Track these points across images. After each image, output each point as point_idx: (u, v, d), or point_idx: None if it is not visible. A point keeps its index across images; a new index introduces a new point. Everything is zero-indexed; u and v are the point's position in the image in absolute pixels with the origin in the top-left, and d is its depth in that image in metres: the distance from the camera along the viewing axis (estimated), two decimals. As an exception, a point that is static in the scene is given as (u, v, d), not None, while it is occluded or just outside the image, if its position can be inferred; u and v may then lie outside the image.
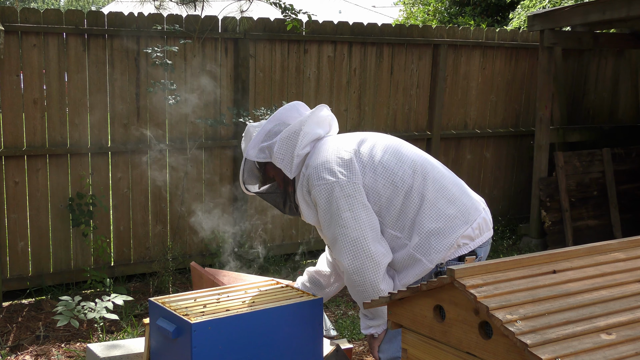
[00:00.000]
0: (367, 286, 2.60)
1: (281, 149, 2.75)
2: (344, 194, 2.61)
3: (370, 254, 2.59)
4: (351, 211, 2.60)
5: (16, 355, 4.32)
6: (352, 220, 2.59)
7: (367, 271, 2.59)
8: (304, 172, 2.74)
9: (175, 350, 2.49)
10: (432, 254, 2.59)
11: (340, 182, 2.62)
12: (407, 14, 13.43)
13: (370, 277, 2.59)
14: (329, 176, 2.64)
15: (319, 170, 2.67)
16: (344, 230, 2.60)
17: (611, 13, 6.04)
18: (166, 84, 5.21)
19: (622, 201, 7.03)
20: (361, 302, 2.64)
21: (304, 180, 2.72)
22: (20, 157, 5.13)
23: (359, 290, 2.63)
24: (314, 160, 2.71)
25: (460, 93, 7.01)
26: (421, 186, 2.66)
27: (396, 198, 2.64)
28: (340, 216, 2.60)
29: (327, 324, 3.51)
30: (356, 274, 2.60)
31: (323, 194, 2.64)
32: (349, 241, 2.60)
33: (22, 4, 29.44)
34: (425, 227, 2.61)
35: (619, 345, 1.52)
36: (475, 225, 2.66)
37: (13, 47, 5.00)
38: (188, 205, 5.71)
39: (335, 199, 2.61)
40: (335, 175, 2.64)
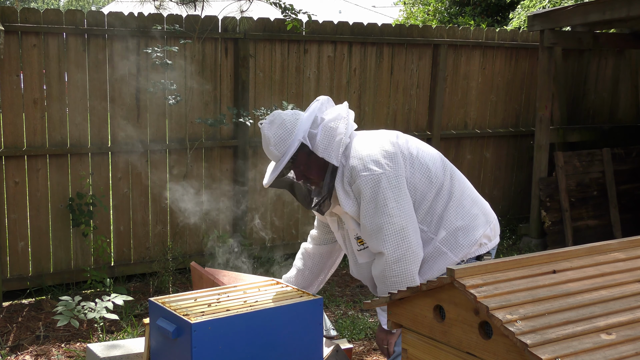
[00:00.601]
0: (406, 276, 2.65)
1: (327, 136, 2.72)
2: (390, 185, 2.66)
3: (411, 244, 2.65)
4: (397, 202, 2.65)
5: (16, 355, 4.32)
6: (398, 211, 2.64)
7: (407, 261, 2.65)
8: (343, 163, 2.75)
9: (175, 350, 2.49)
10: (458, 249, 2.72)
11: (387, 174, 2.67)
12: (407, 14, 13.43)
13: (410, 267, 2.65)
14: (375, 167, 2.68)
15: (365, 162, 2.69)
16: (390, 219, 2.64)
17: (611, 13, 6.04)
18: (166, 84, 5.21)
19: (622, 201, 7.03)
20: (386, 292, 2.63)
21: (346, 172, 2.73)
22: (20, 157, 5.13)
23: (394, 281, 2.65)
24: (358, 152, 2.74)
25: (460, 93, 7.01)
26: (450, 184, 2.80)
27: (429, 193, 2.75)
28: (386, 206, 2.64)
29: (327, 324, 3.51)
30: (397, 263, 2.64)
31: (369, 185, 2.66)
32: (394, 231, 2.64)
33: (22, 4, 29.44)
34: (453, 223, 2.73)
35: (619, 345, 1.52)
36: (492, 226, 2.84)
37: (13, 47, 5.00)
38: (188, 205, 5.71)
39: (382, 190, 2.65)
40: (382, 166, 2.68)
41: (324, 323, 3.34)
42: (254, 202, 6.01)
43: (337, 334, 3.50)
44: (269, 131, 2.77)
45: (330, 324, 3.51)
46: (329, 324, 3.52)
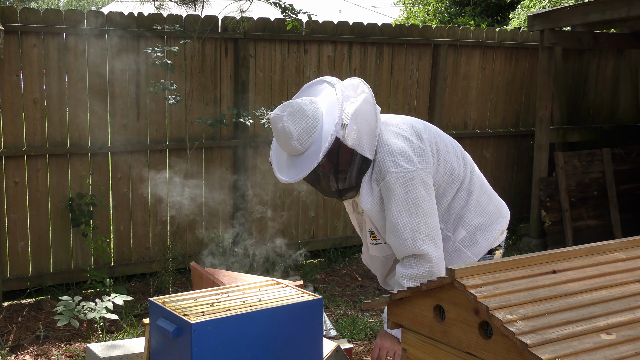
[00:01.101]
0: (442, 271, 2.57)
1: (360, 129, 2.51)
2: (423, 182, 2.53)
3: (439, 242, 2.57)
4: (430, 201, 2.54)
5: (16, 355, 4.32)
6: (432, 210, 2.54)
7: (443, 261, 2.57)
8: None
9: (175, 350, 2.49)
10: (477, 248, 2.68)
11: (419, 171, 2.53)
12: (407, 14, 13.43)
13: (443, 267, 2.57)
14: (407, 164, 2.53)
15: (396, 158, 2.54)
16: (426, 219, 2.52)
17: (611, 13, 6.04)
18: (166, 84, 5.21)
19: (622, 201, 7.03)
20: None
21: (375, 167, 2.56)
22: (20, 157, 5.13)
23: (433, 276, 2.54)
24: (387, 146, 2.57)
25: (460, 93, 7.01)
26: (469, 182, 2.71)
27: (449, 191, 2.66)
28: (420, 205, 2.51)
29: (327, 324, 3.51)
30: (436, 262, 2.54)
31: (401, 182, 2.51)
32: (431, 230, 2.53)
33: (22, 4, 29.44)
34: (472, 221, 2.67)
35: (619, 345, 1.52)
36: (506, 220, 2.80)
37: (13, 47, 5.00)
38: (188, 205, 5.71)
39: (415, 188, 2.51)
40: (413, 163, 2.54)
41: (324, 323, 3.34)
42: (254, 202, 6.01)
43: (337, 334, 3.50)
44: (291, 124, 2.49)
45: (330, 324, 3.51)
46: (329, 324, 3.51)
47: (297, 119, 2.50)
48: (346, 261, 6.32)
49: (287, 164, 2.58)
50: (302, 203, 6.30)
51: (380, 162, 2.55)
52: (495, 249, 2.76)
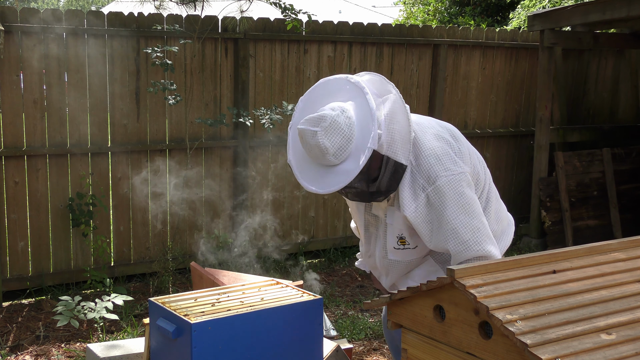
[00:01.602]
0: None
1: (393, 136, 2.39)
2: (469, 184, 2.49)
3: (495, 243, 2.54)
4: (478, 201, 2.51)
5: (16, 355, 4.32)
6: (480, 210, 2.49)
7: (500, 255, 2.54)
8: (412, 162, 2.48)
9: (175, 351, 2.49)
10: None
11: (465, 173, 2.48)
12: (407, 14, 13.44)
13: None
14: (454, 167, 2.46)
15: (442, 161, 2.45)
16: (482, 219, 2.47)
17: (611, 13, 6.04)
18: (166, 84, 5.21)
19: (622, 201, 7.03)
20: None
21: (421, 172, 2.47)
22: (20, 157, 5.13)
23: None
24: (430, 150, 2.47)
25: (460, 93, 7.01)
26: (488, 188, 2.69)
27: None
28: (474, 207, 2.46)
29: (327, 324, 3.51)
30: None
31: (453, 186, 2.43)
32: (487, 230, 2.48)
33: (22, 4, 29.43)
34: (491, 228, 2.63)
35: (619, 345, 1.52)
36: (513, 228, 2.81)
37: (13, 47, 5.00)
38: (188, 205, 5.71)
39: (465, 189, 2.45)
40: (459, 165, 2.48)
41: (324, 323, 3.34)
42: (254, 202, 6.01)
43: (337, 334, 3.50)
44: (327, 140, 2.36)
45: (330, 324, 3.51)
46: (329, 324, 3.51)
47: (332, 134, 2.37)
48: (346, 261, 6.32)
49: (319, 173, 2.47)
50: (302, 203, 6.30)
51: (426, 167, 2.46)
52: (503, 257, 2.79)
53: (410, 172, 2.47)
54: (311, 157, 2.46)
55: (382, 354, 4.38)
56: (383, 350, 4.43)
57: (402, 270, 2.78)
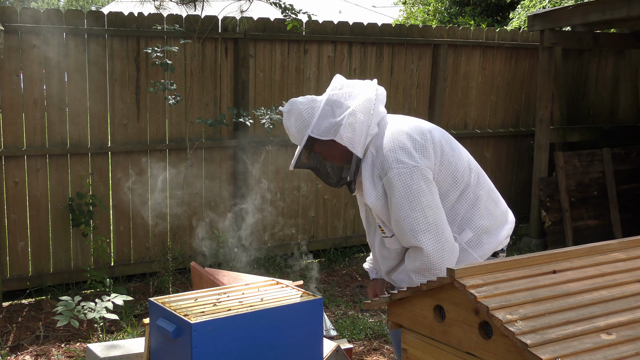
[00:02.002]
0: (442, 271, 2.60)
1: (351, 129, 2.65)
2: (424, 177, 2.60)
3: (448, 237, 2.61)
4: (430, 194, 2.60)
5: (16, 355, 4.32)
6: (432, 203, 2.60)
7: (446, 253, 2.60)
8: (373, 154, 2.68)
9: (175, 351, 2.49)
10: (482, 250, 2.73)
11: (420, 166, 2.60)
12: (407, 14, 13.44)
13: (450, 259, 2.61)
14: (408, 160, 2.61)
15: (397, 154, 2.62)
16: (425, 212, 2.58)
17: (611, 13, 6.04)
18: (166, 84, 5.21)
19: (622, 201, 7.03)
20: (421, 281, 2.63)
21: (377, 163, 2.66)
22: (20, 157, 5.13)
23: (435, 274, 2.60)
24: (388, 143, 2.66)
25: (460, 93, 7.01)
26: (475, 185, 2.77)
27: (452, 192, 2.71)
28: (419, 200, 2.58)
29: (327, 324, 3.51)
30: (437, 256, 2.60)
31: (402, 178, 2.59)
32: (429, 224, 2.58)
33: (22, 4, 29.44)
34: (479, 224, 2.73)
35: (619, 345, 1.52)
36: (511, 226, 2.85)
37: (13, 47, 5.00)
38: (188, 205, 5.71)
39: (415, 183, 2.58)
40: (414, 159, 2.61)
41: (324, 323, 3.34)
42: (254, 202, 6.01)
43: (337, 334, 3.50)
44: (288, 122, 2.75)
45: (330, 324, 3.51)
46: (329, 324, 3.51)
47: (292, 117, 2.75)
48: (346, 261, 6.32)
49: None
50: (302, 203, 6.30)
51: (382, 159, 2.64)
52: (499, 252, 2.81)
53: (372, 163, 2.68)
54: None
55: (382, 354, 4.38)
56: (383, 350, 4.43)
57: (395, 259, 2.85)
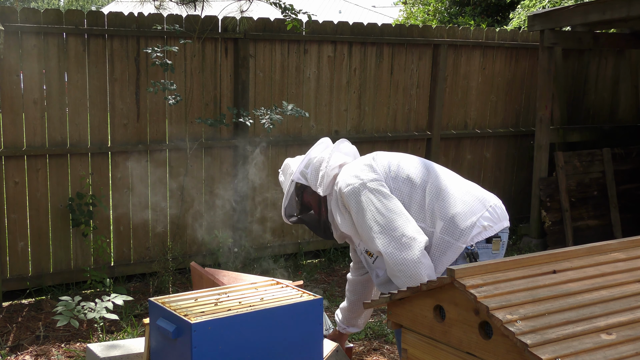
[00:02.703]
0: (410, 261, 2.76)
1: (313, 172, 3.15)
2: (371, 189, 2.91)
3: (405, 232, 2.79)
4: (380, 201, 2.87)
5: (16, 355, 4.32)
6: (382, 208, 2.85)
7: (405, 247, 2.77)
8: (335, 189, 3.06)
9: (175, 350, 2.49)
10: (459, 234, 2.82)
11: (365, 182, 2.93)
12: (407, 14, 13.43)
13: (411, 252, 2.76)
14: (355, 180, 2.95)
15: (346, 179, 2.99)
16: (375, 217, 2.84)
17: (611, 13, 6.04)
18: (166, 84, 5.21)
19: (622, 201, 7.03)
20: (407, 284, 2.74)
21: (337, 194, 3.03)
22: (20, 157, 5.13)
23: (402, 269, 2.77)
24: (341, 175, 3.06)
25: (460, 93, 7.01)
26: (436, 180, 2.95)
27: (415, 193, 2.94)
28: (369, 209, 2.87)
29: (327, 324, 3.51)
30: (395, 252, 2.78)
31: (353, 196, 2.92)
32: (382, 227, 2.82)
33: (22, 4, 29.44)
34: (447, 212, 2.86)
35: (619, 345, 1.52)
36: (491, 210, 2.91)
37: (13, 47, 5.00)
38: (188, 205, 5.71)
39: (364, 196, 2.90)
40: (360, 177, 2.95)
41: (324, 323, 3.34)
42: (253, 202, 6.01)
43: None
44: (281, 178, 3.35)
45: (331, 323, 3.51)
46: (329, 323, 3.52)
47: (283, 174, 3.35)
48: (346, 261, 6.32)
49: None
50: (302, 203, 6.29)
51: (338, 189, 3.02)
52: (493, 238, 2.86)
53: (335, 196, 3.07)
54: None
55: (382, 354, 4.38)
56: (383, 350, 4.43)
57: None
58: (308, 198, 3.25)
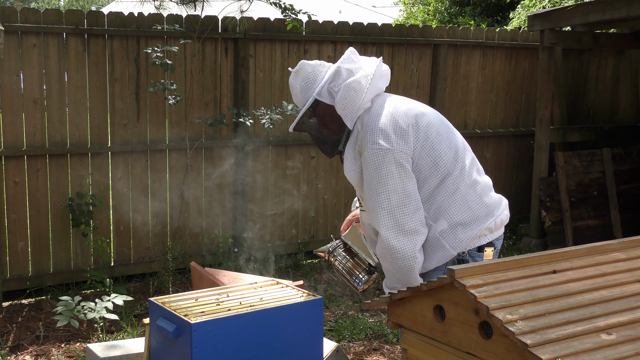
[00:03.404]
0: (406, 254, 2.61)
1: (346, 98, 2.73)
2: (395, 161, 2.63)
3: (409, 223, 2.62)
4: (400, 179, 2.63)
5: (16, 355, 4.32)
6: (400, 188, 2.62)
7: (405, 239, 2.61)
8: (358, 129, 2.74)
9: (175, 351, 2.49)
10: (456, 243, 2.69)
11: (394, 150, 2.64)
12: (407, 14, 13.43)
13: (410, 246, 2.61)
14: (384, 142, 2.64)
15: (375, 134, 2.66)
16: (389, 195, 2.62)
17: (611, 13, 6.03)
18: (166, 84, 5.21)
19: (622, 201, 7.03)
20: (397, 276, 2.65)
21: (358, 138, 2.73)
22: (20, 157, 5.13)
23: (395, 257, 2.62)
24: (371, 122, 2.71)
25: (460, 93, 7.01)
26: (458, 177, 2.73)
27: (432, 179, 2.70)
28: (387, 182, 2.63)
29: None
30: (393, 240, 2.62)
31: (374, 158, 2.64)
32: (392, 207, 2.62)
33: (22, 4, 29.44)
34: (454, 216, 2.69)
35: (619, 345, 1.52)
36: (498, 220, 2.80)
37: (13, 47, 5.00)
38: (188, 205, 5.71)
39: (386, 165, 2.63)
40: (391, 142, 2.64)
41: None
42: (254, 202, 6.01)
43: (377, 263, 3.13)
44: (294, 81, 2.91)
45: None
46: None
47: (299, 77, 2.91)
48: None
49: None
50: (302, 203, 6.30)
51: (362, 136, 2.71)
52: (485, 246, 2.74)
53: (356, 138, 2.75)
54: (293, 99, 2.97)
55: (382, 354, 4.38)
56: (383, 350, 4.43)
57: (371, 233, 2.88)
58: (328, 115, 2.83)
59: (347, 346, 4.47)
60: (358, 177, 2.75)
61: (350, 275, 3.01)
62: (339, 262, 3.03)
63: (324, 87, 2.77)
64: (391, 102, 2.79)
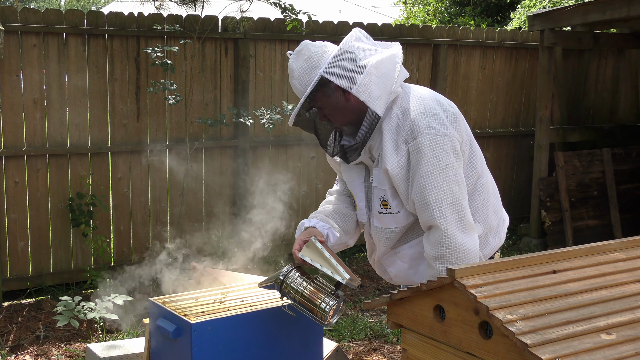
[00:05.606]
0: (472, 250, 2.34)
1: (374, 82, 2.35)
2: (454, 149, 2.36)
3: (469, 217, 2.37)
4: (459, 169, 2.37)
5: (16, 355, 4.32)
6: (460, 179, 2.36)
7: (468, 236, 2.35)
8: (398, 115, 2.39)
9: (175, 350, 2.49)
10: (486, 249, 2.55)
11: (452, 136, 2.36)
12: (407, 14, 13.43)
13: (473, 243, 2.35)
14: (440, 127, 2.35)
15: (429, 119, 2.35)
16: (452, 187, 2.34)
17: (611, 13, 6.03)
18: (166, 84, 5.21)
19: (622, 201, 7.03)
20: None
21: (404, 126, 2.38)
22: (20, 157, 5.13)
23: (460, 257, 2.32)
24: (418, 106, 2.39)
25: (460, 93, 7.01)
26: (486, 180, 2.57)
27: (468, 179, 2.48)
28: (448, 172, 2.33)
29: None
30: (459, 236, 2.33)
31: (433, 145, 2.32)
32: (456, 200, 2.34)
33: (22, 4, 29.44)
34: (490, 222, 2.54)
35: (619, 345, 1.52)
36: (508, 225, 2.72)
37: (13, 47, 5.00)
38: (188, 205, 5.71)
39: (446, 153, 2.33)
40: (446, 127, 2.36)
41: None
42: (254, 202, 6.01)
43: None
44: (295, 63, 2.45)
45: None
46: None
47: (301, 58, 2.44)
48: (346, 261, 6.32)
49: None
50: (303, 203, 6.30)
51: (412, 122, 2.36)
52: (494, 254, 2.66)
53: (396, 125, 2.39)
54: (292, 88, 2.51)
55: (382, 354, 4.38)
56: (383, 350, 4.43)
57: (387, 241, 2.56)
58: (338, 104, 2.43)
59: (347, 346, 4.47)
60: (405, 169, 2.38)
61: (311, 304, 2.38)
62: (295, 291, 2.41)
63: (331, 65, 2.35)
64: (422, 88, 2.51)
